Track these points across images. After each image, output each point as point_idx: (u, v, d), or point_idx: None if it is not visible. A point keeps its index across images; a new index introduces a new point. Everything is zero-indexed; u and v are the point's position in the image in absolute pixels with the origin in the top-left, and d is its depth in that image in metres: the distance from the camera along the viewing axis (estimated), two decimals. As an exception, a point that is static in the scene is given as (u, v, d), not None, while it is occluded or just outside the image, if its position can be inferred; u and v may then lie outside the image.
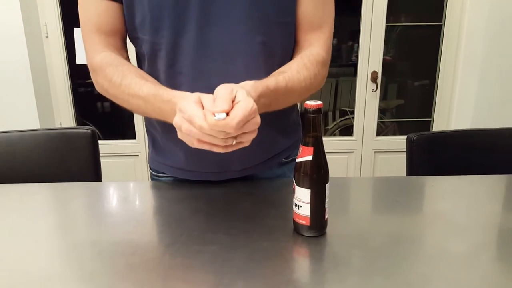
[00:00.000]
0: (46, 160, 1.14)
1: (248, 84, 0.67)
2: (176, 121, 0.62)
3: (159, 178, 0.99)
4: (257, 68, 0.82)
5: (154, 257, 0.63)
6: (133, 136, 2.54)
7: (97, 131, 1.16)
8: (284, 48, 0.86)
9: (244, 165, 0.91)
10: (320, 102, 0.61)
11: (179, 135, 0.64)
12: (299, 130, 1.01)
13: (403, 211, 0.78)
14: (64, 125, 2.52)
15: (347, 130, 2.63)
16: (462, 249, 0.64)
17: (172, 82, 0.81)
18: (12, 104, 2.27)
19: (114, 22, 0.84)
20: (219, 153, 0.65)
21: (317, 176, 0.64)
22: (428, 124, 2.57)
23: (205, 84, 0.76)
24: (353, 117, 2.54)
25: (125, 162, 2.58)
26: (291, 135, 0.97)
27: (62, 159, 1.14)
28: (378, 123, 2.52)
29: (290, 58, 0.87)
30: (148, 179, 2.61)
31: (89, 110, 2.68)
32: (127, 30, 0.86)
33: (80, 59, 2.32)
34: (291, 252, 0.64)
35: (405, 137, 1.16)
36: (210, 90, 0.65)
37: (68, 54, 2.42)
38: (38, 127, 2.29)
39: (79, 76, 2.55)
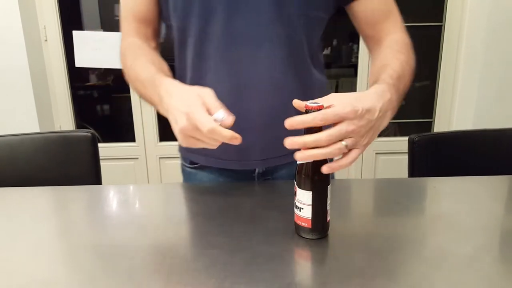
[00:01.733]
0: (46, 164, 1.14)
1: (371, 89, 0.67)
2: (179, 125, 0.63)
3: (187, 168, 1.00)
4: (281, 57, 0.83)
5: (154, 261, 0.62)
6: (132, 139, 2.54)
7: (96, 134, 1.15)
8: (310, 41, 0.87)
9: (265, 156, 0.91)
10: (321, 104, 0.60)
11: (176, 131, 0.64)
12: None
13: (405, 213, 0.78)
14: (63, 128, 2.52)
15: (347, 131, 2.62)
16: (465, 250, 0.63)
17: (199, 68, 0.85)
18: (11, 108, 2.26)
19: (147, 11, 0.88)
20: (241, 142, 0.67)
21: (318, 178, 0.64)
22: (429, 125, 2.57)
23: (230, 71, 0.81)
24: (353, 118, 2.54)
25: (125, 165, 2.58)
26: None
27: (62, 163, 1.14)
28: (378, 124, 2.51)
29: (318, 51, 0.89)
30: (148, 182, 2.61)
31: (88, 113, 2.68)
32: (163, 18, 0.89)
33: (79, 62, 2.32)
34: (292, 255, 0.63)
35: (406, 138, 1.16)
36: (235, 78, 0.68)
37: (67, 57, 2.42)
38: (38, 130, 2.29)
39: (79, 79, 2.55)
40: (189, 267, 0.60)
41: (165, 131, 2.52)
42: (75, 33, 2.29)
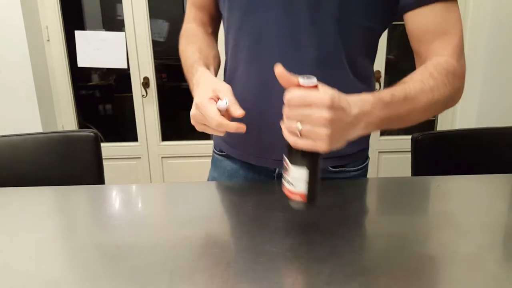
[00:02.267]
0: (48, 164, 1.14)
1: (357, 95, 0.64)
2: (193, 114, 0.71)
3: (216, 154, 1.03)
4: (310, 59, 0.81)
5: (157, 260, 0.62)
6: (135, 139, 2.54)
7: (99, 134, 1.15)
8: (349, 48, 0.83)
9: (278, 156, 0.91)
10: (314, 81, 0.58)
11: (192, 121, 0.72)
12: (361, 143, 0.95)
13: (408, 212, 0.78)
14: (66, 128, 2.52)
15: (350, 130, 2.62)
16: (468, 249, 0.63)
17: (235, 60, 0.89)
18: (14, 108, 2.27)
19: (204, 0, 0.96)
20: (261, 139, 0.81)
21: (312, 152, 0.62)
22: (432, 124, 2.56)
23: (259, 67, 0.83)
24: (356, 117, 2.53)
25: (127, 165, 2.58)
26: (353, 143, 0.95)
27: (65, 163, 1.14)
28: (381, 123, 2.51)
29: (363, 60, 0.88)
30: (151, 182, 2.61)
31: (91, 113, 2.68)
32: (218, 8, 0.94)
33: (82, 62, 2.33)
34: (295, 254, 0.63)
35: (409, 136, 1.16)
36: (263, 73, 0.79)
37: (69, 57, 2.43)
38: (40, 130, 2.30)
39: (81, 79, 2.56)
40: (192, 267, 0.60)
41: (167, 131, 2.52)
42: (77, 33, 2.29)
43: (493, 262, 0.60)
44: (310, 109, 0.57)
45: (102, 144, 1.17)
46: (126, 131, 2.58)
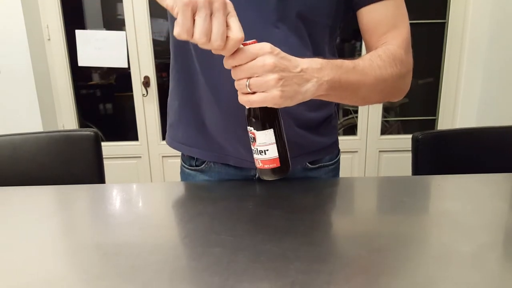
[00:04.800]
0: (49, 163, 1.14)
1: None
2: None
3: (186, 169, 1.00)
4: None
5: (158, 259, 0.62)
6: (135, 138, 2.55)
7: (99, 133, 1.15)
8: (316, 45, 0.85)
9: None
10: (254, 40, 0.60)
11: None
12: (334, 134, 0.99)
13: (409, 211, 0.77)
14: (66, 127, 2.53)
15: (351, 130, 2.62)
16: (469, 249, 0.63)
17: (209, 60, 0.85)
18: (14, 107, 2.27)
19: None
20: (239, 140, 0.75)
21: (271, 113, 0.63)
22: (432, 123, 2.56)
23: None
24: (356, 116, 2.53)
25: (128, 164, 2.58)
26: (326, 136, 0.96)
27: (65, 162, 1.14)
28: (382, 122, 2.51)
29: (330, 56, 0.87)
30: (151, 181, 2.61)
31: (91, 112, 2.68)
32: None
33: (82, 61, 2.33)
34: (296, 253, 0.63)
35: (409, 136, 1.15)
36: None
37: (70, 56, 2.43)
38: (41, 129, 2.30)
39: (81, 78, 2.56)
40: (192, 266, 0.60)
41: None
42: (78, 32, 2.29)
43: (494, 262, 0.59)
44: (253, 61, 0.58)
45: (103, 143, 1.17)
46: (127, 130, 2.59)
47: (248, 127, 0.66)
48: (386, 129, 2.60)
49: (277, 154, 0.65)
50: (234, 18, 0.58)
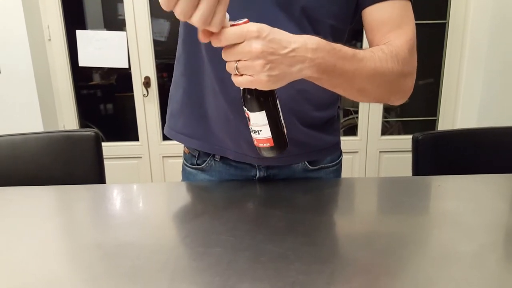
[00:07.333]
0: (49, 163, 1.14)
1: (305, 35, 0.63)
2: None
3: (188, 168, 1.00)
4: None
5: (159, 260, 0.62)
6: (136, 138, 2.55)
7: (100, 133, 1.15)
8: None
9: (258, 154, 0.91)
10: (246, 19, 0.58)
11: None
12: (335, 133, 0.98)
13: (409, 211, 0.77)
14: (67, 128, 2.53)
15: (351, 130, 2.62)
16: (470, 249, 0.63)
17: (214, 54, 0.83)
18: (15, 107, 2.27)
19: None
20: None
21: (265, 95, 0.63)
22: (433, 123, 2.56)
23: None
24: (357, 117, 2.53)
25: (128, 164, 2.58)
26: (327, 135, 0.96)
27: (65, 162, 1.14)
28: (382, 123, 2.51)
29: None
30: (152, 181, 2.61)
31: (92, 112, 2.68)
32: None
33: (83, 62, 2.33)
34: (296, 253, 0.63)
35: (410, 136, 1.15)
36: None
37: (71, 56, 2.43)
38: (42, 129, 2.30)
39: (82, 78, 2.56)
40: (193, 266, 0.60)
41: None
42: (79, 33, 2.30)
43: (494, 262, 0.59)
44: (241, 45, 0.57)
45: (103, 144, 1.17)
46: (127, 130, 2.59)
47: (243, 107, 0.66)
48: (387, 129, 2.60)
49: (270, 135, 0.65)
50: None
